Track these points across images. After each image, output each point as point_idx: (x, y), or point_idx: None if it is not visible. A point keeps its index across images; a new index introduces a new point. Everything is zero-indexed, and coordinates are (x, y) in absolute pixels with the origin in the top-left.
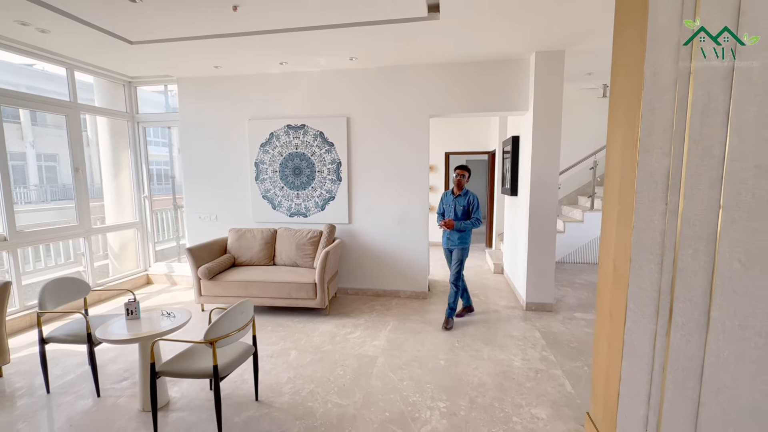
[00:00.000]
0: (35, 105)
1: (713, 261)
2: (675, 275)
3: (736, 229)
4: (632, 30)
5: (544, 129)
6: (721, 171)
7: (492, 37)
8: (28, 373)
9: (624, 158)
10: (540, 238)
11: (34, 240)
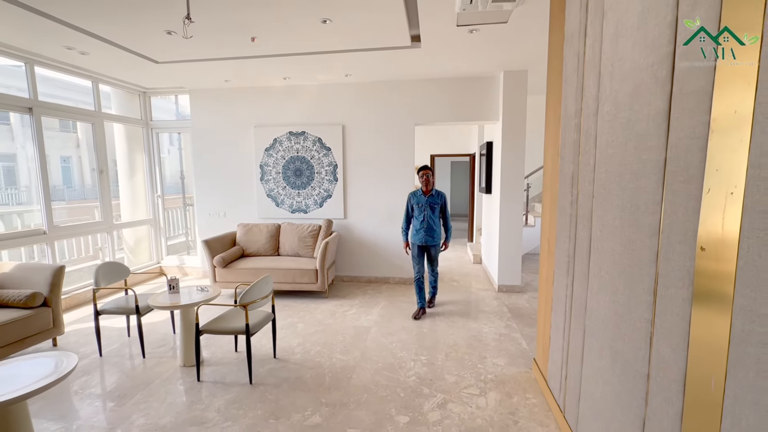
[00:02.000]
0: (69, 115)
1: (590, 231)
2: (575, 243)
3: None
4: (555, 71)
5: (512, 136)
6: (593, 174)
7: (466, 60)
8: (77, 342)
9: (552, 164)
10: (509, 230)
11: (66, 234)
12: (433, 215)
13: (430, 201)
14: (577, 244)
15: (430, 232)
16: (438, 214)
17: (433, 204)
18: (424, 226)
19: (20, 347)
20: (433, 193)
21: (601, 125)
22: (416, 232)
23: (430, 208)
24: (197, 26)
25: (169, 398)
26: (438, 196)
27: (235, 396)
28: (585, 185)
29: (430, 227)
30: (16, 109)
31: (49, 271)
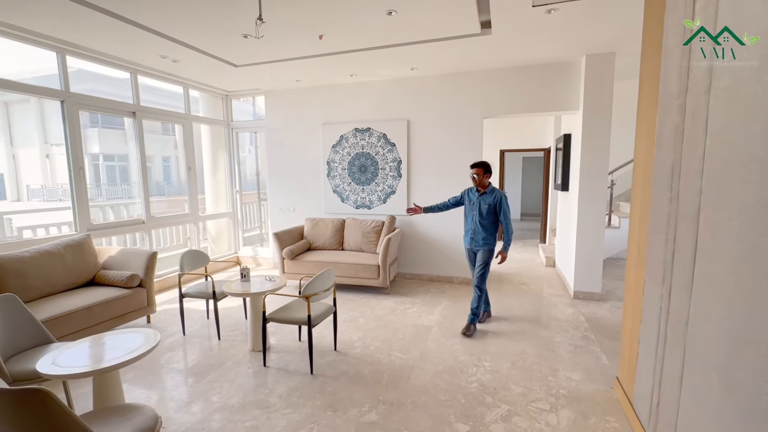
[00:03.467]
0: (164, 118)
1: (695, 233)
2: (674, 248)
3: (708, 207)
4: (652, 46)
5: (594, 127)
6: (702, 165)
7: (542, 45)
8: (166, 321)
9: (645, 156)
10: (589, 232)
11: (161, 224)
12: (482, 218)
13: (480, 200)
14: (676, 248)
15: (475, 235)
16: (488, 216)
17: (484, 204)
18: (471, 227)
19: (120, 322)
20: (486, 192)
21: (714, 104)
22: (465, 234)
23: (479, 209)
24: (269, 28)
25: (238, 380)
26: (491, 196)
27: (297, 384)
28: (690, 178)
29: (476, 230)
30: (123, 114)
31: (145, 255)
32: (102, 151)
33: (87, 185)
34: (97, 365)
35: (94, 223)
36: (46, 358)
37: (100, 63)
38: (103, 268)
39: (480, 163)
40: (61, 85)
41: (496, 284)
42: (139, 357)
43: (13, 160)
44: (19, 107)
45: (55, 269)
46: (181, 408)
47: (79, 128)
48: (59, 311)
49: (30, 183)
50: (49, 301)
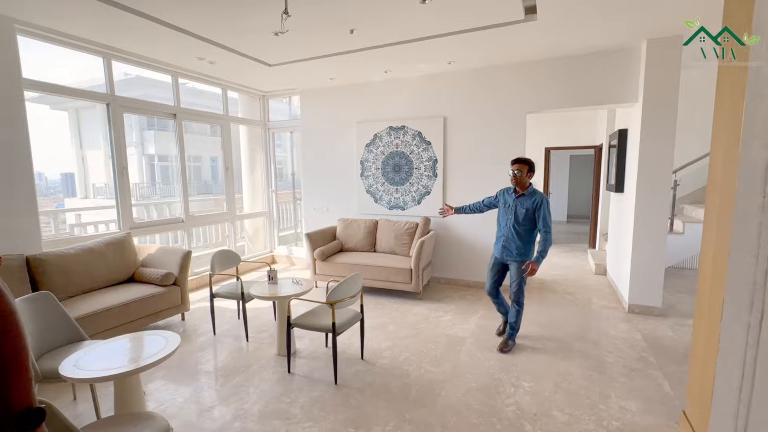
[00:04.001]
0: (203, 119)
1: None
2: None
3: None
4: (738, 20)
5: (656, 121)
6: None
7: (594, 29)
8: (199, 319)
9: (726, 153)
10: (647, 237)
11: (199, 223)
12: (518, 224)
13: (517, 203)
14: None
15: (508, 243)
16: (525, 222)
17: (521, 207)
18: (504, 234)
19: (155, 319)
20: (524, 194)
21: None
22: (496, 240)
23: (514, 214)
24: (298, 24)
25: (261, 386)
26: (531, 199)
27: (320, 395)
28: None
29: (509, 238)
30: (164, 116)
31: (179, 254)
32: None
33: (131, 184)
34: (117, 369)
35: (137, 222)
36: (71, 358)
37: (144, 67)
38: (142, 265)
39: (523, 159)
40: (107, 88)
41: (537, 292)
42: (154, 363)
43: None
44: (87, 113)
45: (96, 266)
46: (203, 413)
47: (123, 130)
48: (97, 308)
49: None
50: (89, 297)
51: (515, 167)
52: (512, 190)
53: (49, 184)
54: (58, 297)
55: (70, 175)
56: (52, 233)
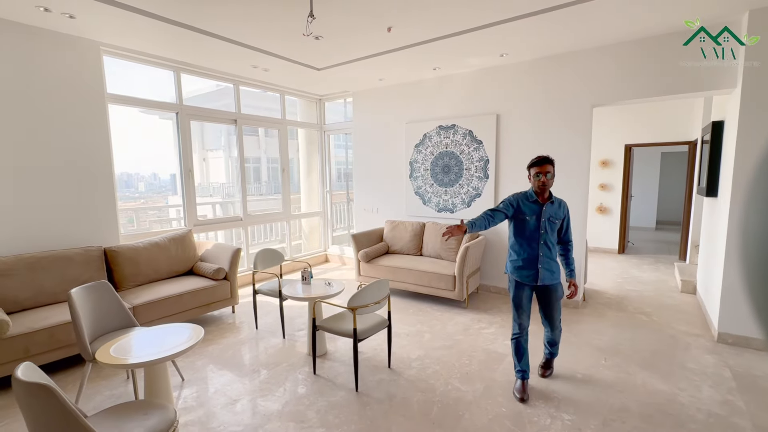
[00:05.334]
0: (261, 123)
1: None
2: None
3: None
4: None
5: (759, 111)
6: None
7: (673, 5)
8: (246, 313)
9: None
10: None
11: (256, 221)
12: (552, 237)
13: (550, 214)
14: None
15: (546, 264)
16: (556, 234)
17: (554, 219)
18: (538, 253)
19: (207, 310)
20: (553, 202)
21: None
22: (520, 263)
23: (548, 226)
24: (334, 26)
25: (286, 384)
26: (560, 207)
27: (338, 401)
28: None
29: (547, 257)
30: (226, 122)
31: (230, 251)
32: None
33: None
34: (143, 358)
35: (200, 219)
36: (113, 344)
37: (208, 77)
38: (200, 260)
39: (551, 158)
40: (176, 99)
41: (602, 309)
42: (173, 356)
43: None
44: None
45: (160, 259)
46: (227, 405)
47: (189, 135)
48: (156, 297)
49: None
50: (152, 287)
51: (544, 168)
52: (533, 197)
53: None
54: (128, 285)
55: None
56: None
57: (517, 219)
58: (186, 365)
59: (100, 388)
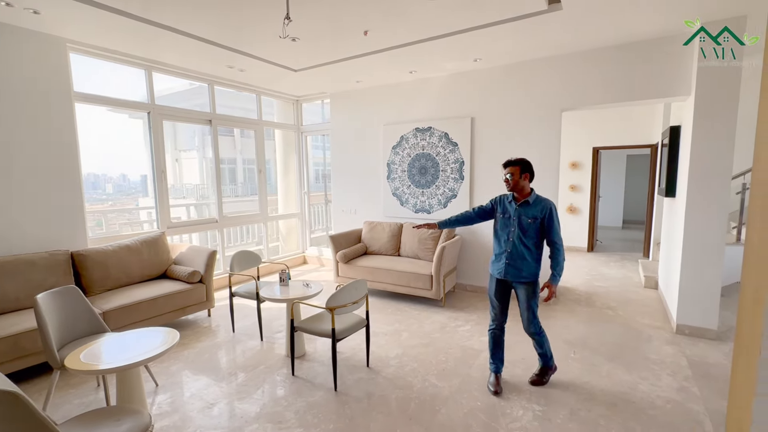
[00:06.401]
0: (237, 124)
1: None
2: None
3: None
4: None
5: (711, 117)
6: None
7: (630, 17)
8: (223, 316)
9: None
10: (701, 248)
11: (232, 223)
12: (524, 236)
13: (520, 213)
14: None
15: (514, 261)
16: (533, 235)
17: (526, 217)
18: (507, 249)
19: (182, 314)
20: (529, 202)
21: None
22: (495, 259)
23: (519, 225)
24: (310, 28)
25: (264, 386)
26: (536, 207)
27: (317, 401)
28: None
29: (515, 254)
30: (200, 122)
31: (206, 253)
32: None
33: (171, 187)
34: (115, 363)
35: (174, 222)
36: (83, 350)
37: (181, 77)
38: (174, 263)
39: (515, 160)
40: (148, 98)
41: (572, 305)
42: (146, 360)
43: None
44: None
45: (132, 263)
46: (203, 409)
47: (162, 135)
48: (128, 301)
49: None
50: (123, 291)
51: (506, 170)
52: (511, 198)
53: (131, 184)
54: (97, 290)
55: (144, 177)
56: (114, 230)
57: (496, 216)
58: (160, 370)
59: (68, 397)
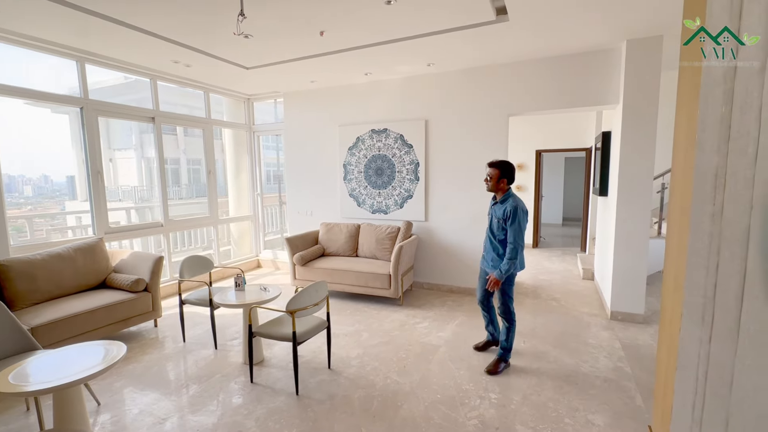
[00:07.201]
0: (183, 122)
1: (744, 263)
2: (716, 279)
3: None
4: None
5: (636, 124)
6: (753, 170)
7: (570, 31)
8: (172, 326)
9: (685, 157)
10: (629, 242)
11: (179, 227)
12: (492, 233)
13: (492, 212)
14: (719, 281)
15: (487, 253)
16: (500, 232)
17: (494, 216)
18: (484, 244)
19: (125, 326)
20: (498, 201)
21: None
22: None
23: (490, 223)
24: (266, 26)
25: (221, 396)
26: (502, 207)
27: (279, 406)
28: (737, 189)
29: (487, 248)
30: (142, 119)
31: (151, 260)
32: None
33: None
34: (49, 383)
35: (113, 227)
36: (12, 371)
37: (119, 70)
38: (115, 271)
39: (498, 162)
40: (80, 92)
41: (521, 298)
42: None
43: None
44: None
45: (64, 272)
46: (154, 425)
47: (97, 133)
48: (61, 315)
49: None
50: (55, 304)
51: (487, 171)
52: (493, 197)
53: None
54: (24, 303)
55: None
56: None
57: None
58: (102, 388)
59: None
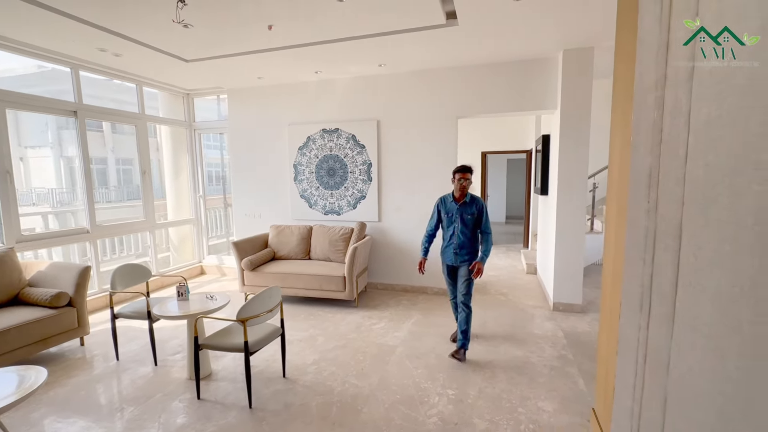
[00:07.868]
0: (113, 117)
1: (677, 255)
2: (653, 270)
3: (692, 223)
4: (627, 31)
5: (572, 128)
6: (684, 170)
7: (514, 39)
8: (103, 343)
9: (620, 158)
10: (568, 238)
11: (109, 233)
12: (465, 228)
13: (461, 210)
14: (655, 272)
15: (460, 249)
16: (473, 227)
17: (466, 214)
18: (453, 241)
19: (44, 346)
20: (466, 201)
21: (698, 93)
22: (445, 249)
23: (461, 220)
24: (214, 16)
25: (163, 417)
26: (473, 205)
27: (230, 422)
28: (669, 186)
29: (460, 244)
30: (61, 113)
31: (75, 271)
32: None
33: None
34: None
35: (26, 234)
36: None
37: (34, 57)
38: (29, 284)
39: (470, 167)
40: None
41: None
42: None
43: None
44: None
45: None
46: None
47: (6, 128)
48: None
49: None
50: None
51: (465, 176)
52: (451, 199)
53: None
54: None
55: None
56: None
57: (441, 216)
58: (15, 421)
59: None
